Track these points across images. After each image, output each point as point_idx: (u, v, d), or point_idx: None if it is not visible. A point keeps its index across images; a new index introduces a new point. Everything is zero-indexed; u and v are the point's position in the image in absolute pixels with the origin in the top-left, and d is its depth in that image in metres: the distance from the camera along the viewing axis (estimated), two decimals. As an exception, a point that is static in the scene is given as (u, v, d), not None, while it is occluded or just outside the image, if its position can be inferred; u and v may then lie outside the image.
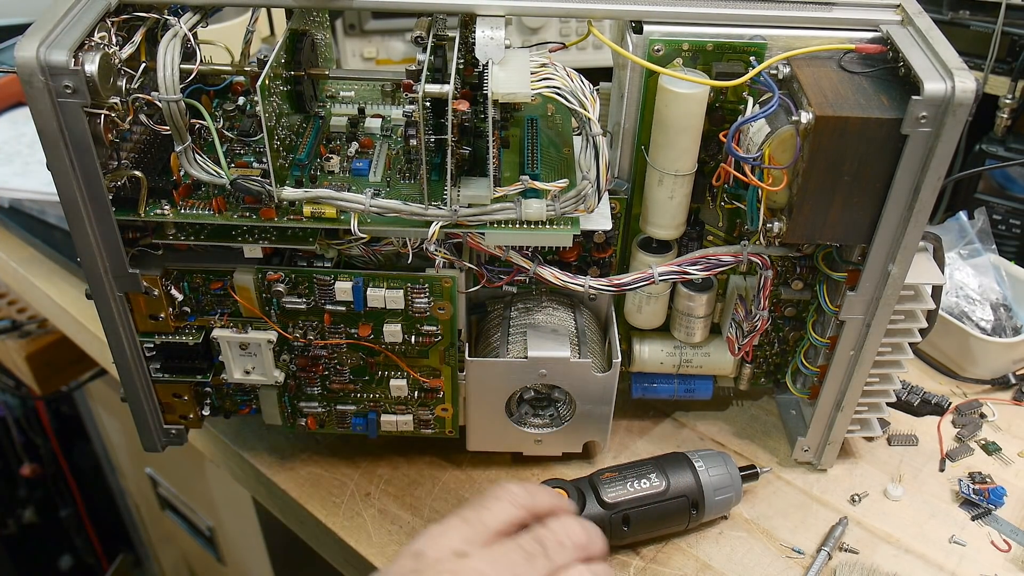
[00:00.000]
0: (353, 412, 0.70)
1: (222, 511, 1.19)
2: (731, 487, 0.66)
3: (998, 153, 0.92)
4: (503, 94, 0.53)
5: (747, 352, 0.69)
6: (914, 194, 0.54)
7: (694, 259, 0.62)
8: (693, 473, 0.66)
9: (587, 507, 0.64)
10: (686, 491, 0.65)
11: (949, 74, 0.51)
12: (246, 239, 0.60)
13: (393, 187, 0.62)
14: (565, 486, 0.64)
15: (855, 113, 0.52)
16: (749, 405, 0.79)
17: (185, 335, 0.65)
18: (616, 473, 0.66)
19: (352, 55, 1.06)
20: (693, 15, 0.57)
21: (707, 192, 0.65)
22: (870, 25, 0.58)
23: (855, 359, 0.64)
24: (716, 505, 0.66)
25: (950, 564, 0.67)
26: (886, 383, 0.68)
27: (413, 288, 0.62)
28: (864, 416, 0.70)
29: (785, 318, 0.71)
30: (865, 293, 0.60)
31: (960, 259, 0.87)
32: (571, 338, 0.66)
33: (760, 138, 0.56)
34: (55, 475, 1.47)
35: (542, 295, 0.69)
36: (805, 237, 0.58)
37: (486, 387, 0.67)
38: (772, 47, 0.58)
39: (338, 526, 0.69)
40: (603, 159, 0.55)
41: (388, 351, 0.66)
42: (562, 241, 0.59)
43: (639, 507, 0.64)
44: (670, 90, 0.57)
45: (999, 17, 0.88)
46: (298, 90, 0.61)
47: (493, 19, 0.57)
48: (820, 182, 0.55)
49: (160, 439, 0.71)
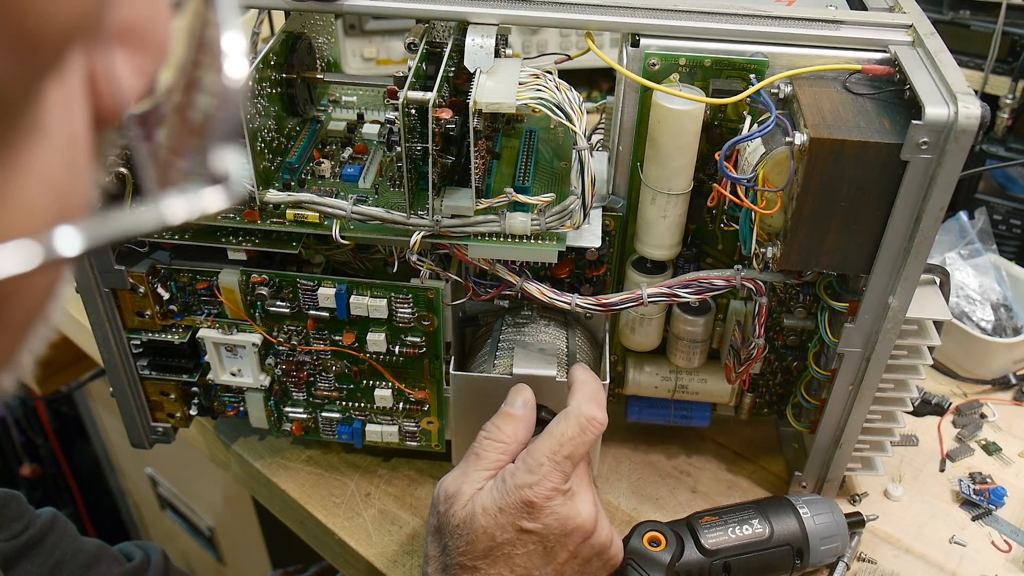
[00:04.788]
0: (338, 420, 0.69)
1: (222, 511, 1.19)
2: (838, 536, 0.62)
3: (998, 153, 0.91)
4: (486, 103, 0.52)
5: (744, 380, 0.67)
6: (915, 224, 0.52)
7: (686, 281, 0.60)
8: (797, 519, 0.62)
9: (685, 552, 0.60)
10: (790, 539, 0.61)
11: (953, 99, 0.48)
12: (230, 240, 0.60)
13: (382, 194, 0.61)
14: (661, 529, 0.61)
15: (852, 136, 0.50)
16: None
17: (171, 334, 0.65)
18: (716, 517, 0.62)
19: (352, 55, 1.06)
20: (693, 29, 0.56)
21: (705, 213, 0.63)
22: (879, 45, 0.55)
23: (854, 394, 0.61)
24: (822, 554, 0.62)
25: (950, 564, 0.66)
26: (888, 421, 0.64)
27: (397, 298, 0.61)
28: (865, 454, 0.67)
29: (788, 347, 0.68)
30: (864, 325, 0.57)
31: (960, 259, 0.86)
32: (559, 357, 0.64)
33: (755, 159, 0.54)
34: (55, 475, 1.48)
35: (536, 312, 0.68)
36: (800, 264, 0.56)
37: (470, 402, 0.65)
38: (774, 65, 0.56)
39: (338, 526, 0.69)
40: (588, 174, 0.53)
41: (372, 360, 0.65)
42: (546, 257, 0.57)
43: (741, 555, 0.61)
44: (664, 106, 0.55)
45: (999, 17, 0.87)
46: (290, 93, 0.61)
47: (484, 27, 0.56)
48: (815, 207, 0.52)
49: (148, 436, 0.71)
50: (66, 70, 0.20)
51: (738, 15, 0.56)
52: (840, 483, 0.68)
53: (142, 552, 0.74)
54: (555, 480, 0.52)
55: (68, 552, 0.68)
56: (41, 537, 0.67)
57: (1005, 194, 0.94)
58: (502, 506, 0.52)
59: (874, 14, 0.57)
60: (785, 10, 0.56)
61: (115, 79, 0.21)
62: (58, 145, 0.20)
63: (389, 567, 0.66)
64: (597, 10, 0.56)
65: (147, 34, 0.22)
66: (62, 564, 0.67)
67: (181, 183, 0.22)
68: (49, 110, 0.20)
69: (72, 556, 0.68)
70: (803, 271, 0.59)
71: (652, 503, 0.70)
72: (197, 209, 0.21)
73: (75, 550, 0.68)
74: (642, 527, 0.61)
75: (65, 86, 0.20)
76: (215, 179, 0.21)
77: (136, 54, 0.22)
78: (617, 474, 0.73)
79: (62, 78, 0.20)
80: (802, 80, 0.55)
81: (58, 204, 0.21)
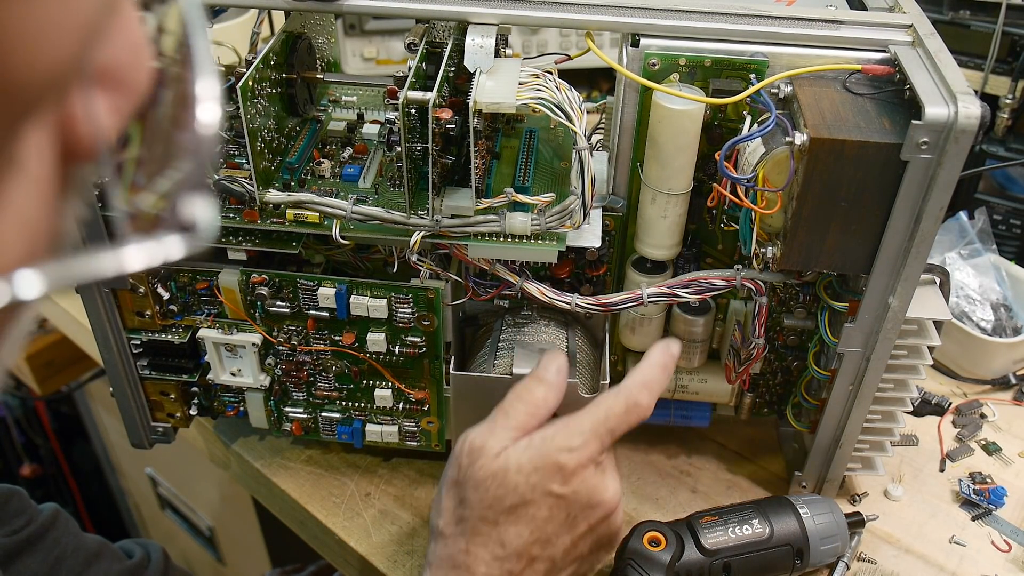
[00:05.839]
0: (338, 420, 0.69)
1: (222, 511, 1.19)
2: (838, 535, 0.62)
3: (998, 153, 0.91)
4: (486, 103, 0.52)
5: (744, 380, 0.67)
6: (915, 224, 0.52)
7: (685, 281, 0.60)
8: (797, 519, 0.62)
9: (685, 552, 0.60)
10: (790, 539, 0.61)
11: (953, 99, 0.48)
12: (230, 240, 0.60)
13: (382, 194, 0.61)
14: (662, 529, 0.61)
15: (852, 136, 0.50)
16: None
17: (171, 333, 0.65)
18: (716, 517, 0.62)
19: (352, 55, 1.06)
20: (693, 29, 0.56)
21: (705, 213, 0.63)
22: (879, 45, 0.55)
23: (854, 394, 0.61)
24: (822, 554, 0.62)
25: (950, 564, 0.66)
26: (888, 421, 0.64)
27: (396, 297, 0.61)
28: (865, 454, 0.67)
29: (788, 347, 0.68)
30: (864, 325, 0.57)
31: (960, 259, 0.86)
32: (559, 357, 0.64)
33: (755, 159, 0.54)
34: (55, 475, 1.48)
35: (535, 312, 0.68)
36: (800, 264, 0.56)
37: (471, 402, 0.65)
38: (774, 65, 0.56)
39: (338, 526, 0.69)
40: (588, 173, 0.53)
41: (372, 360, 0.65)
42: (547, 257, 0.57)
43: (741, 555, 0.61)
44: (664, 106, 0.55)
45: (999, 17, 0.87)
46: (290, 93, 0.61)
47: (484, 27, 0.56)
48: (815, 207, 0.52)
49: (148, 436, 0.71)
50: (44, 111, 0.20)
51: (738, 15, 0.56)
52: (840, 483, 0.68)
53: (142, 550, 0.74)
54: (593, 450, 0.52)
55: (69, 548, 0.68)
56: (43, 533, 0.67)
57: (1005, 194, 0.94)
58: (537, 465, 0.51)
59: (874, 14, 0.57)
60: (785, 10, 0.56)
61: (93, 118, 0.21)
62: (34, 183, 0.20)
63: (389, 567, 0.66)
64: (597, 10, 0.56)
65: (127, 75, 0.22)
66: (63, 560, 0.67)
67: (149, 229, 0.22)
68: (26, 149, 0.20)
69: (73, 552, 0.68)
70: (803, 271, 0.59)
71: (652, 503, 0.70)
72: (158, 257, 0.21)
73: (76, 546, 0.68)
74: (642, 527, 0.61)
75: (43, 126, 0.20)
76: (183, 227, 0.21)
77: (115, 94, 0.22)
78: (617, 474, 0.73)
79: (40, 119, 0.20)
80: (802, 80, 0.55)
81: (31, 242, 0.21)
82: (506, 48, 0.61)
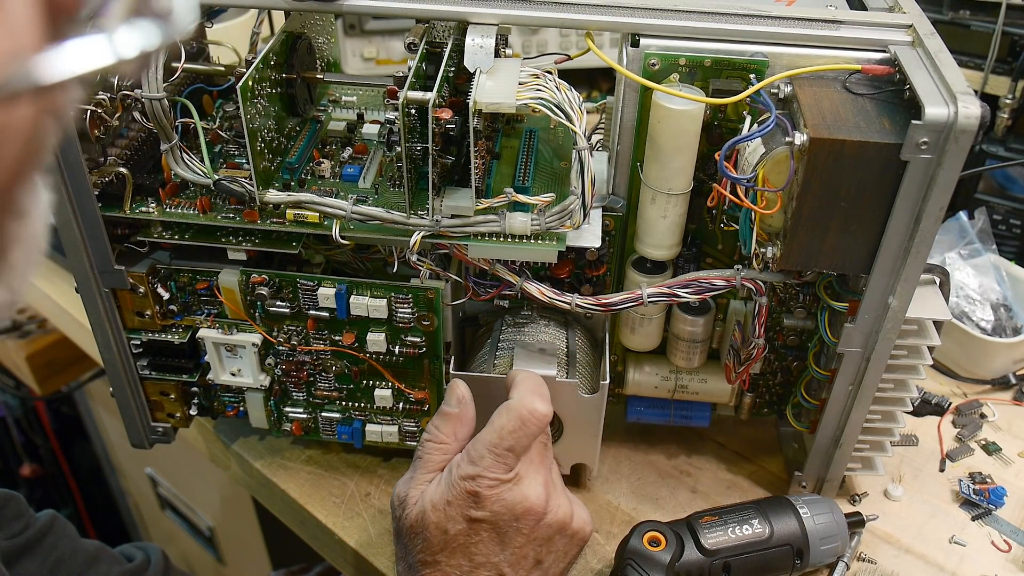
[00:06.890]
0: (338, 420, 0.69)
1: (222, 511, 1.19)
2: (838, 535, 0.62)
3: (998, 153, 0.91)
4: (486, 103, 0.52)
5: (744, 380, 0.67)
6: (915, 224, 0.52)
7: (685, 281, 0.60)
8: (797, 519, 0.62)
9: (685, 552, 0.60)
10: (790, 539, 0.61)
11: (953, 99, 0.48)
12: (230, 240, 0.60)
13: (382, 194, 0.61)
14: (661, 529, 0.61)
15: (852, 136, 0.50)
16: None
17: (171, 334, 0.65)
18: (716, 517, 0.62)
19: (352, 55, 1.06)
20: (693, 29, 0.55)
21: (705, 213, 0.63)
22: (879, 45, 0.55)
23: (854, 394, 0.61)
24: (822, 554, 0.62)
25: (950, 564, 0.66)
26: (888, 421, 0.64)
27: (396, 297, 0.61)
28: (865, 454, 0.67)
29: (788, 347, 0.68)
30: (864, 325, 0.57)
31: (960, 259, 0.86)
32: (559, 357, 0.64)
33: (755, 159, 0.54)
34: (55, 475, 1.48)
35: (535, 312, 0.68)
36: (800, 264, 0.56)
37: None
38: (774, 65, 0.56)
39: (338, 526, 0.69)
40: (588, 174, 0.53)
41: (372, 360, 0.65)
42: (547, 257, 0.57)
43: (741, 555, 0.61)
44: (663, 106, 0.55)
45: (999, 17, 0.87)
46: (290, 93, 0.61)
47: (484, 27, 0.55)
48: (815, 207, 0.52)
49: (148, 436, 0.71)
50: None
51: (738, 15, 0.55)
52: (840, 483, 0.68)
53: (142, 553, 0.74)
54: (498, 471, 0.53)
55: (67, 552, 0.68)
56: (40, 537, 0.67)
57: (1005, 194, 0.94)
58: (449, 499, 0.53)
59: (874, 14, 0.57)
60: (785, 10, 0.56)
61: None
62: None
63: (389, 567, 0.66)
64: (597, 10, 0.56)
65: None
66: (61, 563, 0.67)
67: (127, 18, 0.22)
68: None
69: (71, 556, 0.68)
70: (803, 271, 0.59)
71: (652, 503, 0.71)
72: (134, 45, 0.21)
73: (74, 549, 0.68)
74: (642, 527, 0.61)
75: None
76: (159, 14, 0.21)
77: None
78: (617, 474, 0.73)
79: None
80: (802, 80, 0.55)
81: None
82: (506, 48, 0.60)
